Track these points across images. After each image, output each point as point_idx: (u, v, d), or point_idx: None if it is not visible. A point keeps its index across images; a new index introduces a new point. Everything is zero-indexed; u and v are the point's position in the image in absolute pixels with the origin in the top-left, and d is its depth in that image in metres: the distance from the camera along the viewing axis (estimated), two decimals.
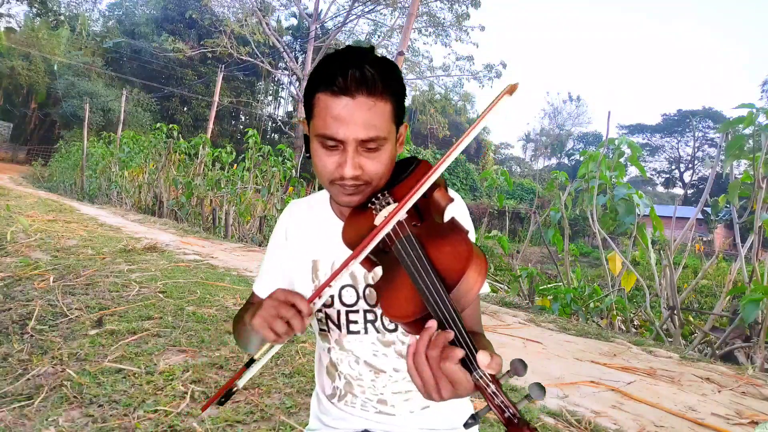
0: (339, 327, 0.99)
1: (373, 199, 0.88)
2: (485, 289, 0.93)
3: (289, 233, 1.06)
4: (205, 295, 4.02)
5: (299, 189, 10.86)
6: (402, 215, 0.79)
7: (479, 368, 0.63)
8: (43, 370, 2.34)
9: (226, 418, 2.04)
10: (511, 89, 0.78)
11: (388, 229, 0.78)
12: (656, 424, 2.54)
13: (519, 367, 0.62)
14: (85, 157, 17.48)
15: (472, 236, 0.94)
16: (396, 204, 0.84)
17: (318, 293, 0.80)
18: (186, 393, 2.21)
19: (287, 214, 1.09)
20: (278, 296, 0.80)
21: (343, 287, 0.98)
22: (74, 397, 2.08)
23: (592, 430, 2.38)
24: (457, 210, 0.94)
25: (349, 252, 0.84)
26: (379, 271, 0.84)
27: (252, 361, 0.83)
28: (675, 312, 5.10)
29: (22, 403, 2.01)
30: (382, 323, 0.97)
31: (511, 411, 0.61)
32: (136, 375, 2.35)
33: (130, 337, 2.84)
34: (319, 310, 1.00)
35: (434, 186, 0.82)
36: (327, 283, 0.80)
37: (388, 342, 0.98)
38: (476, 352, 0.64)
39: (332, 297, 0.98)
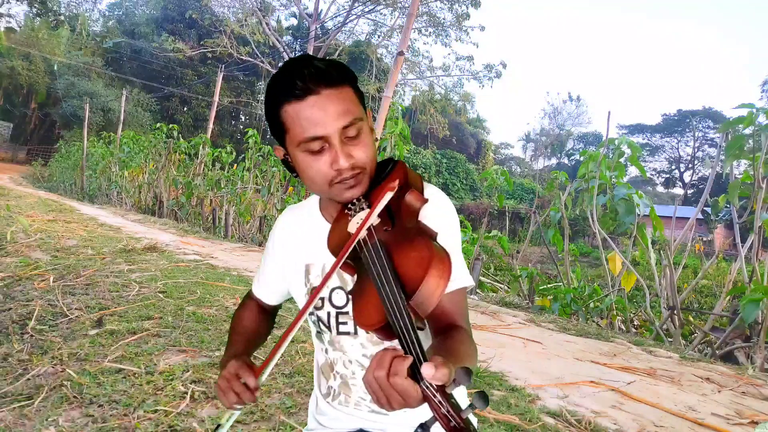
0: (330, 328, 1.01)
1: (350, 205, 0.89)
2: (467, 282, 0.93)
3: (282, 238, 1.08)
4: (205, 295, 4.02)
5: (299, 189, 10.85)
6: (374, 220, 0.80)
7: (425, 379, 0.63)
8: (43, 370, 2.34)
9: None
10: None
11: (359, 237, 0.79)
12: (656, 424, 2.54)
13: (462, 376, 0.62)
14: (85, 157, 17.49)
15: (452, 235, 0.93)
16: (367, 210, 0.85)
17: (278, 346, 0.83)
18: (186, 393, 2.21)
19: (281, 220, 1.11)
20: (231, 370, 0.88)
21: (333, 289, 0.99)
22: (74, 397, 2.08)
23: (592, 430, 2.38)
24: (436, 209, 0.93)
25: (333, 258, 0.87)
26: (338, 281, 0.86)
27: (218, 426, 0.89)
28: (675, 312, 5.10)
29: (22, 403, 2.00)
30: None
31: (456, 420, 0.61)
32: (136, 375, 2.35)
33: (130, 337, 2.84)
34: (312, 313, 1.02)
35: (406, 188, 0.83)
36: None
37: (377, 342, 0.98)
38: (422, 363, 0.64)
39: (323, 299, 1.00)
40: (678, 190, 50.61)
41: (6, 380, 2.22)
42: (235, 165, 12.77)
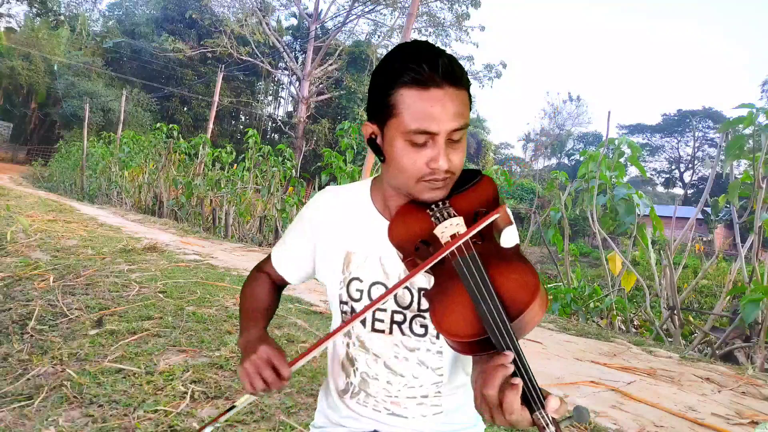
0: (363, 323, 0.96)
1: (432, 206, 0.88)
2: None
3: (323, 220, 1.02)
4: (205, 295, 4.02)
5: (299, 189, 10.86)
6: (471, 234, 0.79)
7: (543, 409, 0.63)
8: (43, 370, 2.34)
9: (226, 418, 2.04)
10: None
11: (452, 248, 0.78)
12: (656, 424, 2.54)
13: (583, 415, 0.63)
14: (85, 157, 17.49)
15: None
16: (459, 217, 0.84)
17: (325, 340, 0.81)
18: (186, 393, 2.21)
19: (323, 198, 1.05)
20: (263, 355, 0.84)
21: (373, 284, 0.95)
22: (74, 397, 2.08)
23: (592, 430, 2.38)
24: (513, 230, 0.93)
25: (387, 249, 0.87)
26: (417, 278, 0.83)
27: (233, 407, 0.87)
28: (675, 312, 5.10)
29: (22, 403, 2.00)
30: (410, 327, 0.94)
31: None
32: (136, 375, 2.35)
33: (130, 337, 2.84)
34: (345, 302, 0.98)
35: (497, 205, 0.84)
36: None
37: (412, 347, 0.95)
38: (541, 391, 0.64)
39: (360, 292, 0.96)
40: (678, 190, 50.62)
41: (6, 380, 2.22)
42: (235, 165, 12.77)
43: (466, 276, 0.74)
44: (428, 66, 0.79)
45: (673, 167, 51.45)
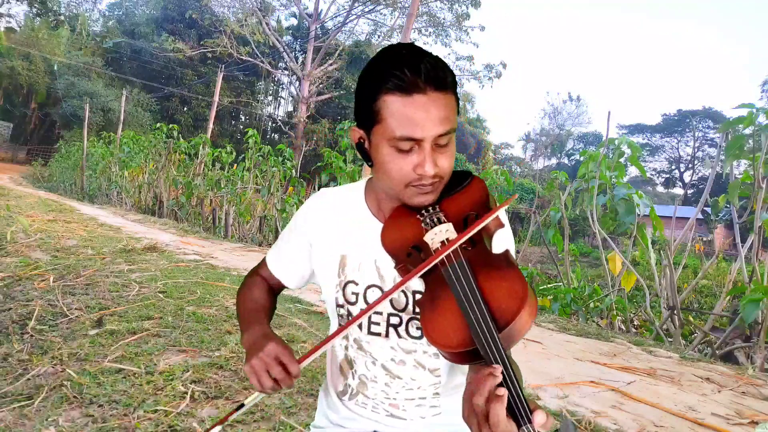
0: (360, 326, 0.97)
1: (422, 210, 0.87)
2: None
3: (316, 223, 1.02)
4: (205, 295, 4.02)
5: (299, 189, 10.86)
6: (461, 240, 0.79)
7: (530, 424, 0.63)
8: (43, 370, 2.34)
9: (235, 417, 2.03)
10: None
11: (443, 255, 0.77)
12: (656, 424, 2.54)
13: (569, 428, 0.63)
14: (85, 157, 17.49)
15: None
16: (448, 223, 0.83)
17: (332, 338, 0.81)
18: (186, 393, 2.21)
19: (318, 201, 1.05)
20: (271, 352, 0.82)
21: (369, 287, 0.95)
22: (74, 397, 2.08)
23: (592, 430, 2.38)
24: (506, 234, 0.92)
25: (382, 253, 0.86)
26: (412, 282, 0.82)
27: (241, 405, 0.86)
28: (675, 312, 5.10)
29: (22, 403, 2.00)
30: (407, 330, 0.94)
31: None
32: (136, 375, 2.35)
33: (130, 337, 2.84)
34: (341, 305, 0.98)
35: (487, 209, 0.82)
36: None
37: (409, 349, 0.95)
38: (528, 405, 0.64)
39: (356, 295, 0.96)
40: (678, 190, 50.62)
41: (6, 380, 2.22)
42: (235, 165, 12.77)
43: (455, 284, 0.73)
44: (411, 71, 0.78)
45: (673, 167, 51.46)
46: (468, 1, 26.19)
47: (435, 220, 0.84)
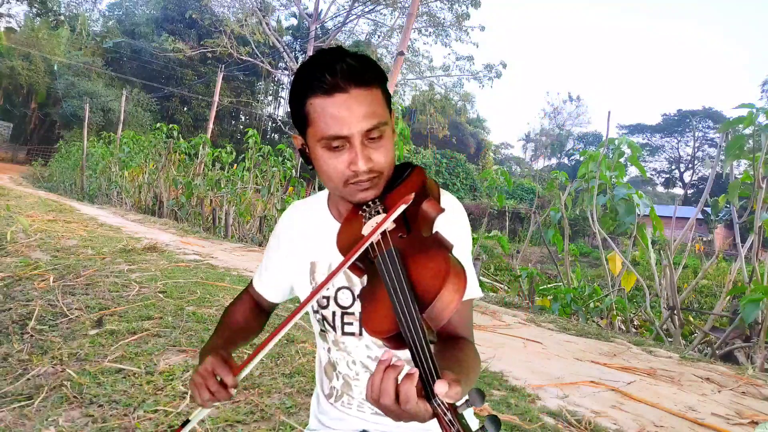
0: (334, 328, 0.99)
1: (364, 206, 0.87)
2: (477, 294, 0.93)
3: (288, 234, 1.06)
4: (205, 295, 4.02)
5: (299, 189, 10.86)
6: (388, 226, 0.79)
7: (437, 396, 0.62)
8: (43, 370, 2.34)
9: (226, 418, 2.04)
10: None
11: (372, 239, 0.78)
12: (656, 424, 2.54)
13: (476, 397, 0.61)
14: (85, 157, 17.49)
15: (466, 246, 0.93)
16: (382, 214, 0.83)
17: (268, 340, 0.80)
18: (186, 393, 2.21)
19: (287, 215, 1.09)
20: (207, 366, 0.84)
21: (339, 289, 0.98)
22: (74, 397, 2.08)
23: (592, 430, 2.38)
24: (451, 219, 0.92)
25: (342, 257, 0.85)
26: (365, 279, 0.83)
27: (186, 422, 0.86)
28: (675, 312, 5.10)
29: (22, 403, 2.00)
30: None
31: None
32: (136, 375, 2.35)
33: (130, 337, 2.84)
34: (316, 311, 1.01)
35: (423, 196, 0.81)
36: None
37: (382, 345, 0.97)
38: (436, 380, 0.63)
39: (327, 298, 0.99)
40: (678, 190, 50.62)
41: (6, 380, 2.22)
42: (235, 165, 12.77)
43: (383, 270, 0.74)
44: (328, 71, 0.80)
45: (673, 167, 51.46)
46: (468, 1, 26.17)
47: (374, 213, 0.85)
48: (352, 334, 0.98)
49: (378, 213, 0.85)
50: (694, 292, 9.27)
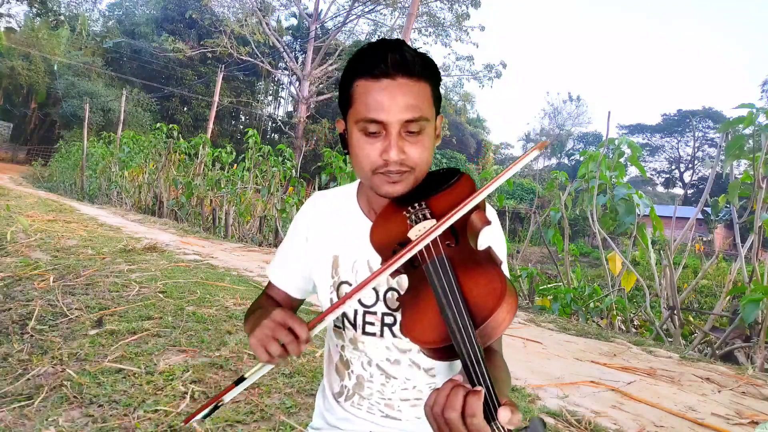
0: (354, 326, 0.96)
1: (409, 207, 0.86)
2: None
3: (311, 224, 1.02)
4: (205, 295, 4.02)
5: (299, 189, 10.85)
6: (438, 233, 0.77)
7: (498, 421, 0.61)
8: (43, 370, 2.34)
9: (226, 418, 2.04)
10: (541, 146, 0.83)
11: (421, 246, 0.76)
12: (656, 424, 2.54)
13: (538, 426, 0.61)
14: (85, 157, 17.50)
15: (504, 264, 0.90)
16: (433, 220, 0.81)
17: (337, 305, 0.77)
18: (186, 393, 2.21)
19: (311, 204, 1.05)
20: (276, 318, 0.78)
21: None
22: (74, 397, 2.08)
23: (592, 430, 2.38)
24: (493, 233, 0.92)
25: (374, 252, 0.84)
26: (404, 280, 0.81)
27: (242, 378, 0.80)
28: (675, 312, 5.10)
29: (22, 403, 2.00)
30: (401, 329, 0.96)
31: None
32: (136, 375, 2.35)
33: (130, 337, 2.84)
34: None
35: (474, 207, 0.80)
36: (349, 296, 0.77)
37: (404, 349, 0.95)
38: (498, 403, 0.62)
39: None
40: (678, 190, 50.62)
41: (6, 380, 2.22)
42: (235, 165, 12.77)
43: (433, 280, 0.72)
44: (381, 57, 0.81)
45: (673, 167, 51.46)
46: (468, 1, 26.19)
47: (420, 216, 0.83)
48: (373, 334, 0.95)
49: (425, 217, 0.83)
50: (694, 292, 9.27)
